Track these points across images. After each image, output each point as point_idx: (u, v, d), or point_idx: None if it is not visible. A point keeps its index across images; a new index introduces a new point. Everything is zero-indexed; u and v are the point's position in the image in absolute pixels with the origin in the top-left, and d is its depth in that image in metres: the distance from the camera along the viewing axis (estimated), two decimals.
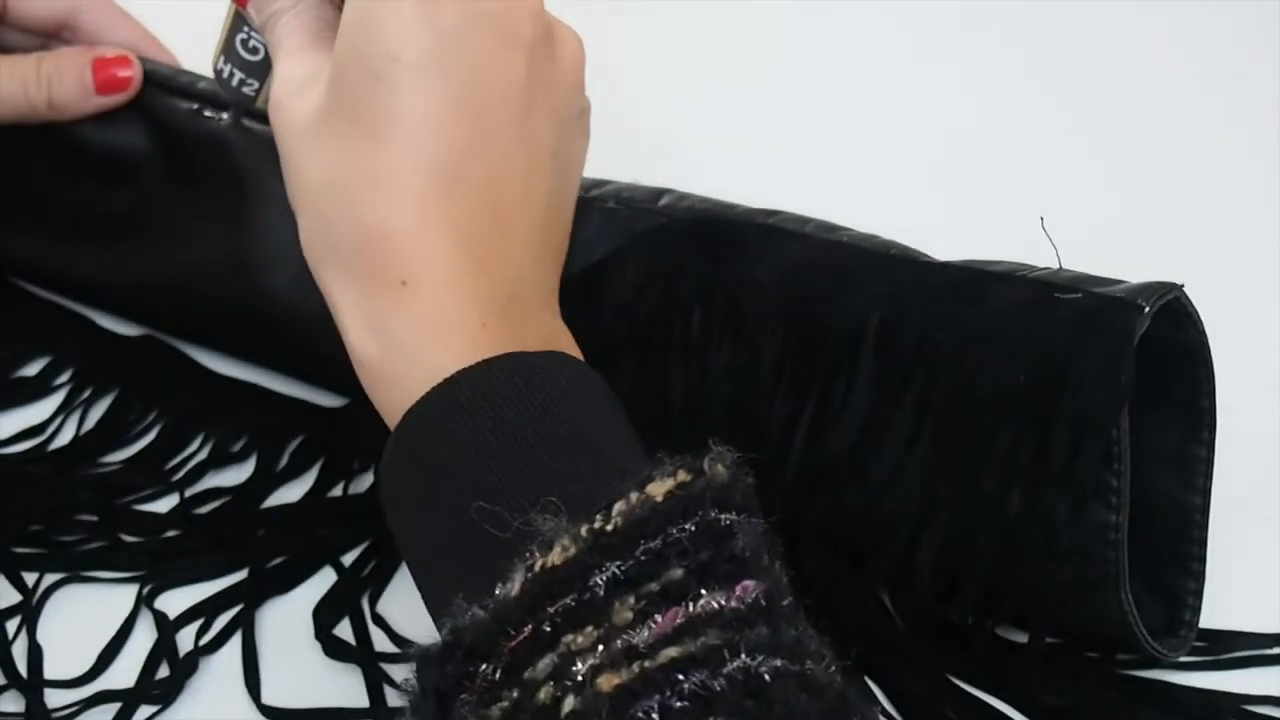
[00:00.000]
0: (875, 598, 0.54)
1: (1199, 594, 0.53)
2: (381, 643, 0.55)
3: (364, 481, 0.61)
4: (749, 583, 0.39)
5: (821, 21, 0.89)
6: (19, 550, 0.58)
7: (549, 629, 0.39)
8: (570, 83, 0.52)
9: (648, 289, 0.56)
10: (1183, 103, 0.83)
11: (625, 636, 0.38)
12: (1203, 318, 0.52)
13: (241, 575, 0.57)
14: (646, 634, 0.38)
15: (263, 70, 0.58)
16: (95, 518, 0.59)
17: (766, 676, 0.37)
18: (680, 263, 0.56)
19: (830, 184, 0.71)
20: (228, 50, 0.57)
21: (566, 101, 0.51)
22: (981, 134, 0.81)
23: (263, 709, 0.52)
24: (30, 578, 0.57)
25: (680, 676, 0.37)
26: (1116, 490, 0.50)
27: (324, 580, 0.57)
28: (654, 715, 0.36)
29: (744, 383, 0.54)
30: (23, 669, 0.53)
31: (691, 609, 0.39)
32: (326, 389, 0.64)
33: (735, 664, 0.37)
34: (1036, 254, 0.54)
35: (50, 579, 0.57)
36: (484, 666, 0.39)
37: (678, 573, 0.39)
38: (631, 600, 0.39)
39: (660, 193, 0.59)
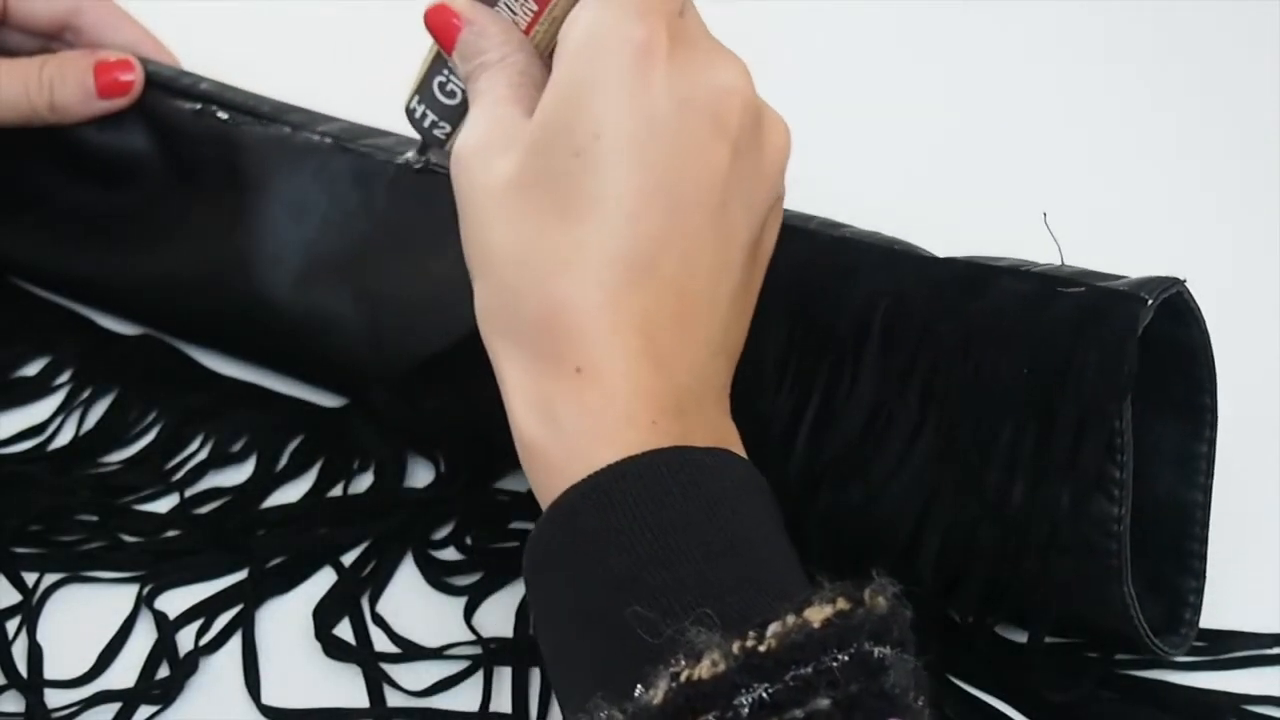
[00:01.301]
0: None
1: (1200, 592, 0.53)
2: (381, 643, 0.55)
3: (364, 481, 0.61)
4: None
5: (826, 17, 0.88)
6: (19, 550, 0.58)
7: None
8: (773, 174, 0.50)
9: None
10: (1185, 99, 0.83)
11: None
12: (1206, 313, 0.52)
13: (241, 575, 0.57)
14: None
15: (458, 115, 0.55)
16: (95, 518, 0.59)
17: None
18: None
19: (833, 180, 0.71)
20: (423, 91, 0.55)
21: (767, 193, 0.50)
22: (985, 131, 0.81)
23: (263, 709, 0.52)
24: (30, 578, 0.57)
25: None
26: (1119, 482, 0.50)
27: (324, 580, 0.57)
28: None
29: (748, 379, 0.54)
30: (23, 669, 0.53)
31: None
32: (326, 390, 0.64)
33: None
34: (1039, 251, 0.54)
35: (50, 579, 0.57)
36: None
37: (824, 703, 0.38)
38: None
39: None
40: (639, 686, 0.39)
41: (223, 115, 0.64)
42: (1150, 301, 0.50)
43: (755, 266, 0.50)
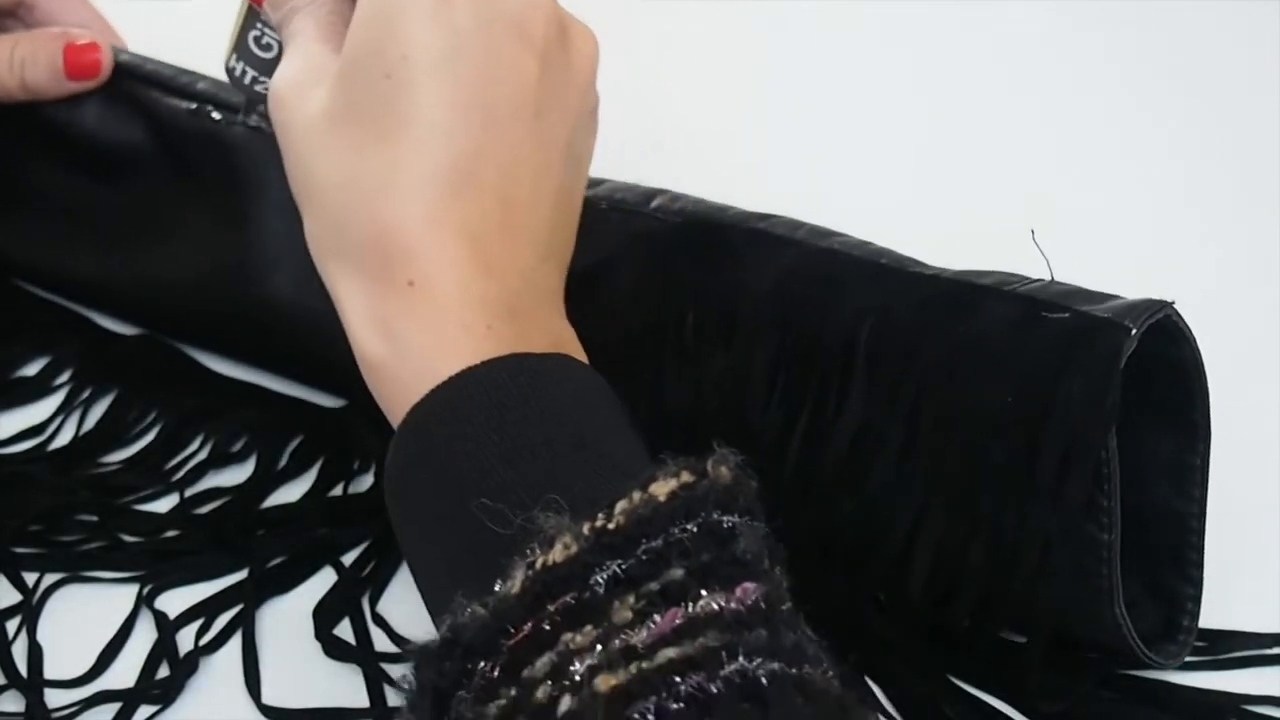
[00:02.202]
0: (872, 599, 0.54)
1: (1197, 600, 0.53)
2: (381, 643, 0.55)
3: (364, 481, 0.61)
4: (749, 585, 0.39)
5: (819, 26, 0.89)
6: (19, 550, 0.58)
7: (548, 627, 0.39)
8: (583, 82, 0.52)
9: (640, 295, 0.56)
10: (1180, 111, 0.83)
11: (624, 636, 0.38)
12: (1199, 324, 0.51)
13: (241, 575, 0.57)
14: (645, 634, 0.38)
15: (276, 68, 0.57)
16: (95, 518, 0.59)
17: (764, 680, 0.37)
18: (673, 269, 0.56)
19: (824, 187, 0.71)
20: (240, 47, 0.57)
21: (579, 100, 0.51)
22: (977, 140, 0.81)
23: (263, 709, 0.52)
24: (30, 578, 0.57)
25: (677, 679, 0.37)
26: (1107, 510, 0.49)
27: (324, 580, 0.57)
28: (650, 717, 0.36)
29: (737, 391, 0.54)
30: (23, 669, 0.53)
31: (691, 610, 0.38)
32: (326, 390, 0.64)
33: (733, 667, 0.37)
34: (1030, 261, 0.53)
35: (50, 579, 0.57)
36: (482, 664, 0.39)
37: (678, 573, 0.39)
38: (631, 600, 0.39)
39: (653, 194, 0.59)
40: (497, 580, 0.40)
41: (217, 115, 0.64)
42: (1135, 331, 0.49)
43: (574, 172, 0.52)
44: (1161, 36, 0.88)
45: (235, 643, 0.55)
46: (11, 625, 0.55)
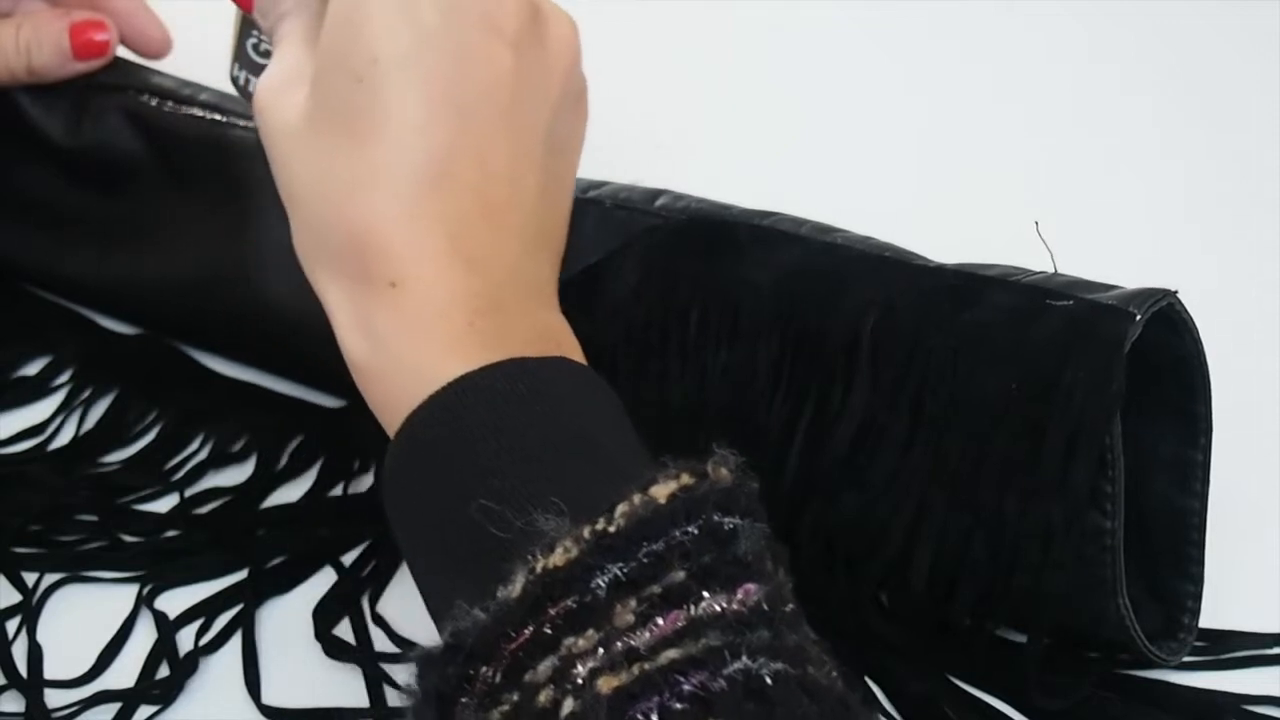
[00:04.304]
0: (873, 598, 0.54)
1: (1198, 597, 0.53)
2: (381, 643, 0.55)
3: (364, 481, 0.61)
4: (751, 586, 0.39)
5: (821, 22, 0.89)
6: (19, 550, 0.58)
7: (550, 631, 0.39)
8: (562, 67, 0.51)
9: (644, 292, 0.56)
10: (1182, 104, 0.83)
11: (626, 639, 0.38)
12: (1200, 319, 0.52)
13: (241, 575, 0.57)
14: (647, 636, 0.38)
15: None
16: (95, 518, 0.59)
17: (767, 679, 0.37)
18: (677, 265, 0.56)
19: (826, 185, 0.71)
20: (240, 56, 0.56)
21: (559, 86, 0.51)
22: (980, 135, 0.81)
23: (263, 709, 0.52)
24: (30, 578, 0.57)
25: (680, 678, 0.37)
26: (1111, 497, 0.50)
27: (324, 580, 0.57)
28: (653, 717, 0.36)
29: (741, 386, 0.54)
30: (23, 669, 0.53)
31: (693, 611, 0.38)
32: (326, 390, 0.64)
33: (735, 666, 0.37)
34: (1033, 255, 0.54)
35: (50, 579, 0.57)
36: (484, 669, 0.39)
37: (679, 575, 0.39)
38: (633, 603, 0.39)
39: (657, 194, 0.59)
40: (498, 585, 0.40)
41: (219, 118, 0.64)
42: (1139, 317, 0.49)
43: (559, 159, 0.51)
44: (1164, 33, 0.88)
45: (235, 643, 0.55)
46: (11, 625, 0.55)
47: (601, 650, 0.38)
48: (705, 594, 0.39)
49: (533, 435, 0.44)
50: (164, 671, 0.54)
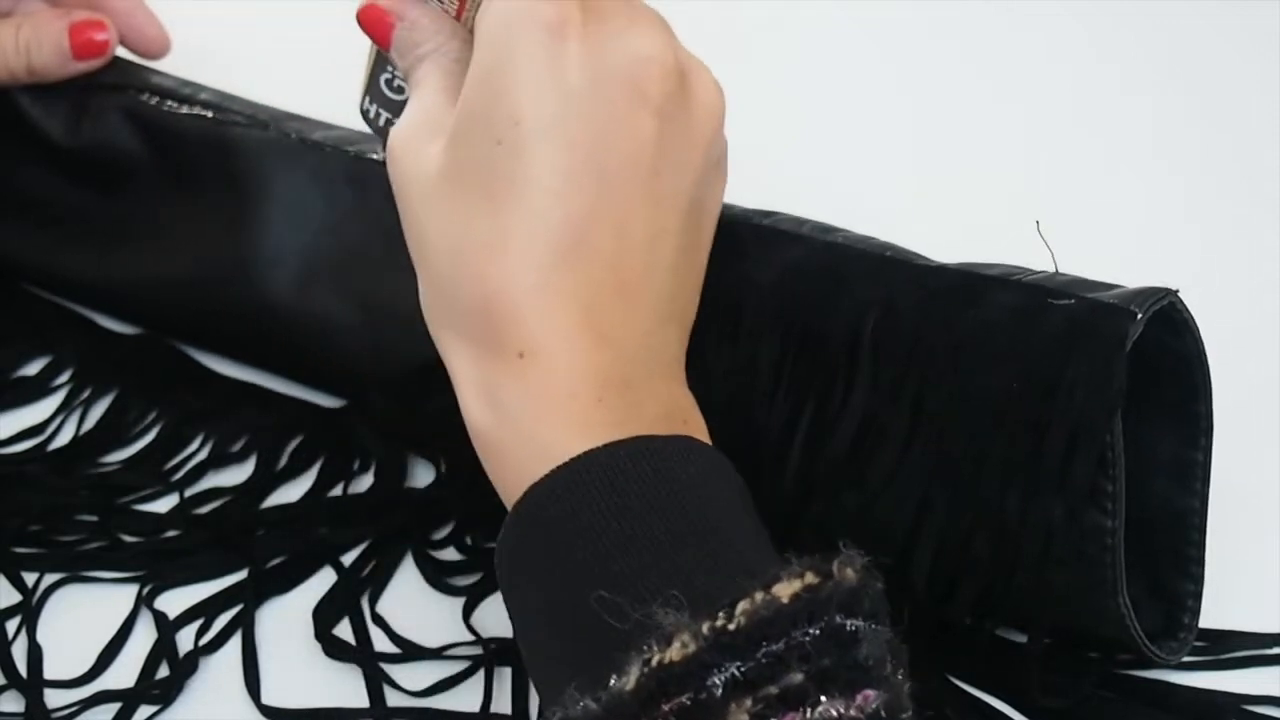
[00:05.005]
0: None
1: (1198, 597, 0.53)
2: (381, 643, 0.55)
3: (364, 481, 0.61)
4: (870, 692, 0.38)
5: (822, 21, 0.88)
6: (19, 550, 0.58)
7: None
8: (706, 135, 0.50)
9: None
10: (1183, 104, 0.83)
11: None
12: (1201, 320, 0.51)
13: (241, 575, 0.57)
14: None
15: None
16: (95, 518, 0.59)
17: None
18: None
19: (828, 184, 0.71)
20: (372, 90, 0.55)
21: (701, 155, 0.49)
22: (980, 135, 0.81)
23: (263, 709, 0.52)
24: (30, 578, 0.57)
25: None
26: (1112, 496, 0.50)
27: (324, 580, 0.57)
28: None
29: (743, 385, 0.54)
30: (23, 669, 0.53)
31: (809, 715, 0.37)
32: (326, 390, 0.64)
33: None
34: (1034, 255, 0.53)
35: (50, 579, 0.57)
36: None
37: (798, 677, 0.38)
38: (749, 703, 0.38)
39: None
40: (612, 675, 0.39)
41: (219, 118, 0.64)
42: (1140, 316, 0.49)
43: (699, 230, 0.50)
44: (1164, 33, 0.88)
45: (235, 643, 0.55)
46: (11, 625, 0.55)
47: None
48: (824, 698, 0.38)
49: (655, 521, 0.43)
50: (164, 671, 0.54)
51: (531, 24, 0.47)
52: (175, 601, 0.56)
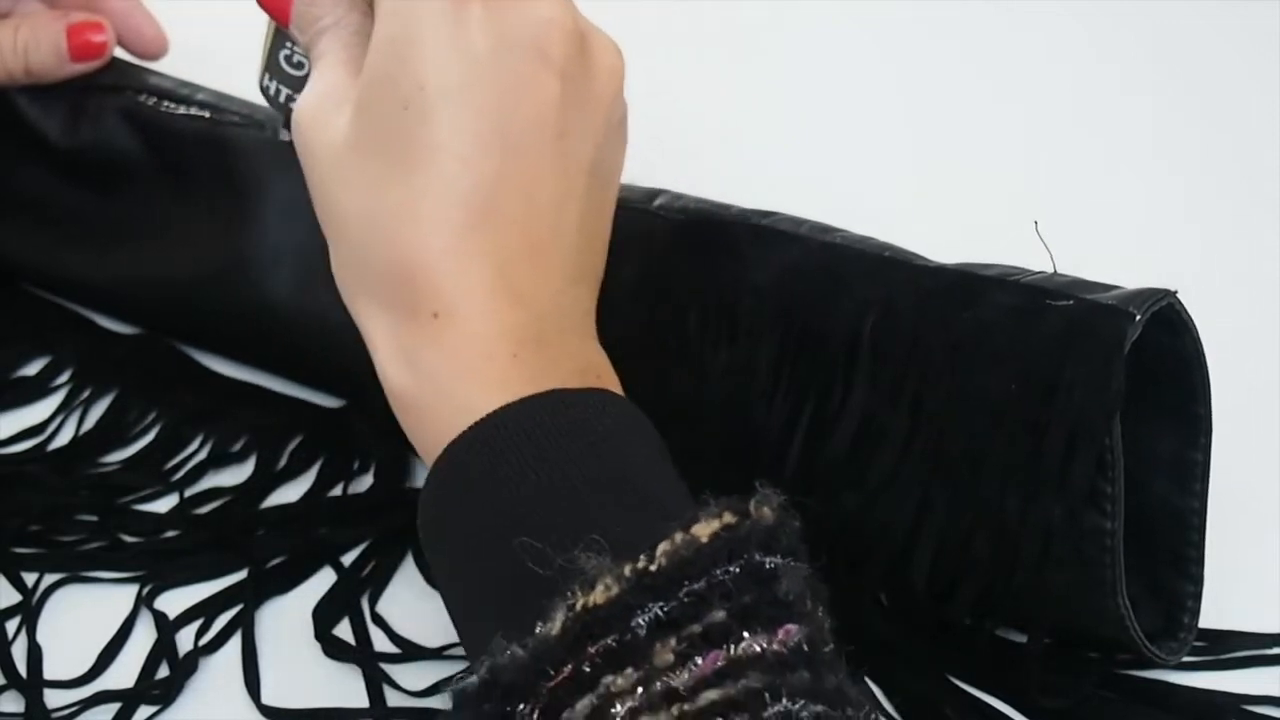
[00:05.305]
0: (873, 598, 0.54)
1: (1198, 597, 0.53)
2: (381, 643, 0.55)
3: (364, 481, 0.61)
4: (791, 626, 0.39)
5: (820, 21, 0.89)
6: (19, 550, 0.58)
7: (589, 670, 0.38)
8: (608, 96, 0.50)
9: (643, 292, 0.56)
10: (1182, 104, 0.83)
11: (665, 679, 0.38)
12: (1200, 320, 0.52)
13: (241, 575, 0.57)
14: (687, 676, 0.38)
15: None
16: (95, 518, 0.59)
17: None
18: (675, 266, 0.56)
19: (826, 184, 0.71)
20: (271, 66, 0.55)
21: (603, 116, 0.50)
22: (979, 135, 0.81)
23: (263, 709, 0.52)
24: (30, 578, 0.57)
25: None
26: (1111, 497, 0.50)
27: (324, 580, 0.57)
28: None
29: (741, 386, 0.54)
30: (23, 669, 0.53)
31: (733, 651, 0.38)
32: (326, 390, 0.64)
33: (776, 708, 0.37)
34: (1032, 255, 0.54)
35: (50, 579, 0.57)
36: (522, 706, 0.39)
37: (720, 614, 0.39)
38: (673, 642, 0.38)
39: (655, 193, 0.59)
40: (537, 622, 0.39)
41: (217, 117, 0.64)
42: (1139, 317, 0.49)
43: (603, 189, 0.51)
44: (1164, 33, 0.88)
45: (235, 643, 0.55)
46: (11, 625, 0.55)
47: (640, 690, 0.38)
48: (746, 634, 0.38)
49: (574, 470, 0.44)
50: (164, 671, 0.54)
51: None
52: (175, 601, 0.56)
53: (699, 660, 0.38)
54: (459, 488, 0.45)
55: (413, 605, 0.56)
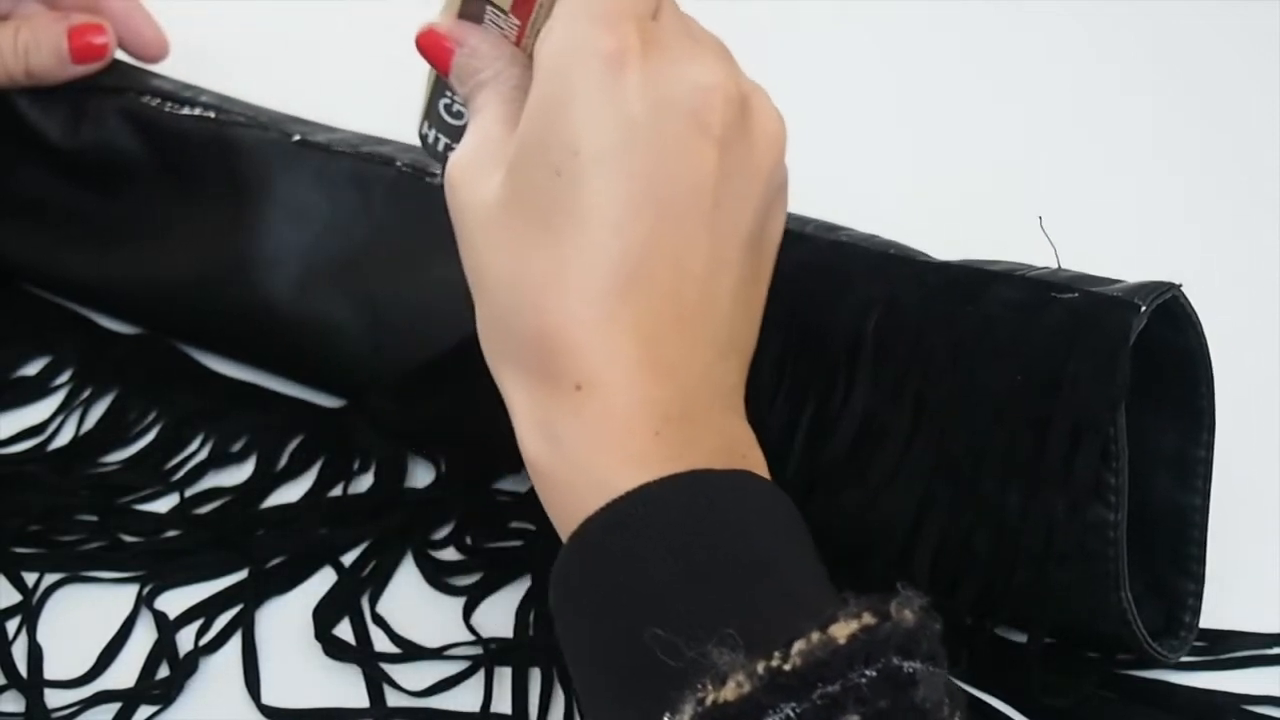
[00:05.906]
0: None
1: (1199, 595, 0.53)
2: (381, 643, 0.55)
3: (364, 482, 0.61)
4: None
5: (822, 21, 0.89)
6: (19, 550, 0.58)
7: None
8: (768, 165, 0.49)
9: None
10: (1184, 101, 0.83)
11: None
12: (1202, 317, 0.52)
13: (241, 575, 0.57)
14: None
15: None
16: (95, 518, 0.59)
17: None
18: None
19: (831, 183, 0.71)
20: (430, 114, 0.54)
21: (762, 184, 0.49)
22: (982, 134, 0.81)
23: (263, 709, 0.52)
24: (30, 578, 0.57)
25: None
26: (1115, 489, 0.50)
27: (324, 580, 0.57)
28: None
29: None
30: (23, 669, 0.53)
31: None
32: (326, 390, 0.64)
33: None
34: (1037, 253, 0.54)
35: (50, 579, 0.57)
36: None
37: (854, 719, 0.38)
38: None
39: None
40: (665, 713, 0.38)
41: (218, 118, 0.64)
42: (1143, 309, 0.49)
43: (759, 260, 0.50)
44: (1164, 33, 0.88)
45: (235, 643, 0.55)
46: (11, 625, 0.55)
47: None
48: None
49: (710, 557, 0.43)
50: (164, 671, 0.54)
51: (591, 53, 0.46)
52: (175, 601, 0.56)
53: None
54: (593, 565, 0.44)
55: (413, 605, 0.56)
